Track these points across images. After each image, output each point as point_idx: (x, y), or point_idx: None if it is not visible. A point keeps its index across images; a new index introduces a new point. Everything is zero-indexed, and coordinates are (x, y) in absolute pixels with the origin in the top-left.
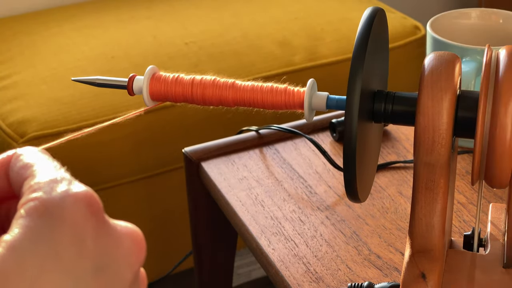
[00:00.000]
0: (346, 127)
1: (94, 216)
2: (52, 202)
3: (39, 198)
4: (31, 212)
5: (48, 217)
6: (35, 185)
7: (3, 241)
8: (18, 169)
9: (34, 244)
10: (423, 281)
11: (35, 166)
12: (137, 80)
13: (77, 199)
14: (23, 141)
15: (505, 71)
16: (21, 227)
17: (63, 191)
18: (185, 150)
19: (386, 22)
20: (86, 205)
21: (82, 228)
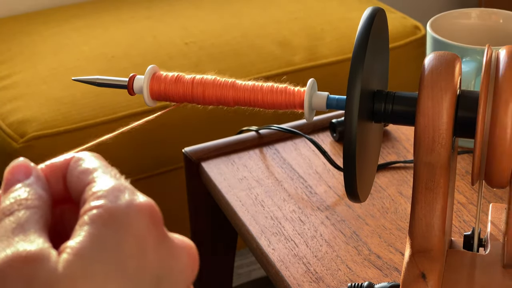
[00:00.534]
0: (346, 127)
1: (155, 228)
2: (117, 211)
3: (103, 206)
4: (96, 220)
5: (112, 225)
6: (98, 192)
7: (68, 246)
8: (78, 173)
9: (100, 252)
10: (423, 281)
11: (96, 172)
12: (138, 80)
13: (141, 209)
14: (23, 141)
15: (505, 71)
16: (86, 234)
17: (127, 200)
18: (185, 150)
19: (386, 22)
20: (149, 216)
21: (144, 239)
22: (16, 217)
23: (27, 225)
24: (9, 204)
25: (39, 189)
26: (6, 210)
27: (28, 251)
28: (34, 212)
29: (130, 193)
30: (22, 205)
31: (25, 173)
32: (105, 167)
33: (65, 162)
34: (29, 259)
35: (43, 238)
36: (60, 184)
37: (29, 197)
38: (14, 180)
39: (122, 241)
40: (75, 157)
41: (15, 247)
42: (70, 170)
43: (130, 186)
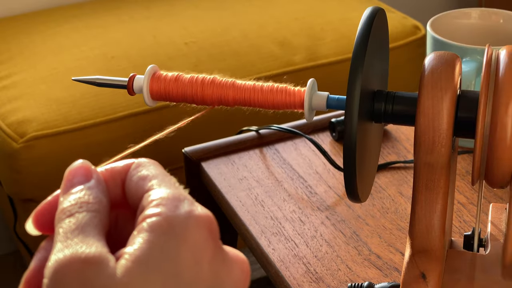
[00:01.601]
0: (346, 127)
1: (212, 240)
2: (176, 221)
3: (162, 214)
4: (155, 227)
5: (171, 235)
6: (158, 200)
7: (126, 252)
8: (137, 179)
9: (157, 261)
10: (423, 281)
11: (155, 180)
12: (138, 79)
13: (199, 221)
14: (23, 141)
15: (505, 71)
16: (144, 241)
17: (187, 211)
18: (185, 150)
19: (386, 22)
20: (207, 228)
21: (201, 251)
22: (76, 219)
23: (87, 228)
24: (70, 205)
25: (99, 193)
26: (66, 211)
27: (87, 254)
28: (93, 216)
29: (189, 204)
30: (83, 207)
31: (86, 176)
32: (164, 175)
33: (125, 168)
34: (88, 262)
35: (101, 242)
36: (118, 189)
37: (90, 200)
38: (75, 181)
39: (180, 251)
40: (135, 163)
41: (74, 248)
42: (129, 176)
43: (189, 197)
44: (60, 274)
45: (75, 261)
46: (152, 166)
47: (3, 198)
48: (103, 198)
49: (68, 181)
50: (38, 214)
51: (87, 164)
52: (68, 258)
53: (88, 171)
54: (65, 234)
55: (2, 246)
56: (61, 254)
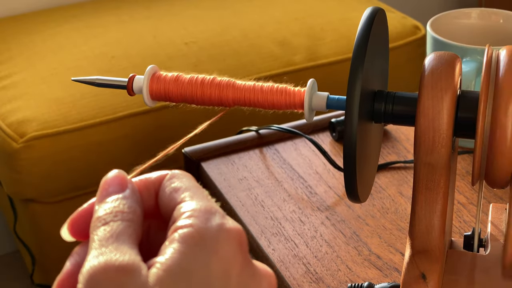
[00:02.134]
0: (346, 127)
1: (241, 253)
2: (208, 233)
3: (194, 225)
4: (186, 239)
5: (202, 246)
6: (189, 211)
7: (158, 262)
8: (170, 191)
9: (189, 271)
10: (423, 281)
11: (188, 192)
12: (137, 80)
13: (230, 234)
14: (23, 141)
15: (506, 71)
16: (176, 251)
17: (218, 223)
18: (185, 150)
19: (386, 22)
20: (237, 242)
21: (230, 264)
22: (111, 227)
23: (121, 237)
24: (105, 214)
25: (134, 204)
26: (101, 219)
27: (121, 261)
28: (128, 225)
29: (221, 217)
30: (117, 216)
31: (121, 185)
32: (196, 188)
33: (159, 179)
34: (121, 269)
35: (135, 251)
36: (151, 199)
37: (125, 210)
38: (110, 191)
39: (210, 263)
40: (169, 174)
41: (108, 255)
42: (162, 187)
43: (221, 210)
44: (95, 280)
45: (109, 268)
46: (185, 178)
47: (3, 198)
48: (137, 208)
49: (103, 190)
50: (73, 221)
51: (123, 174)
52: (102, 265)
53: (123, 181)
54: (100, 242)
55: (2, 246)
56: (96, 261)
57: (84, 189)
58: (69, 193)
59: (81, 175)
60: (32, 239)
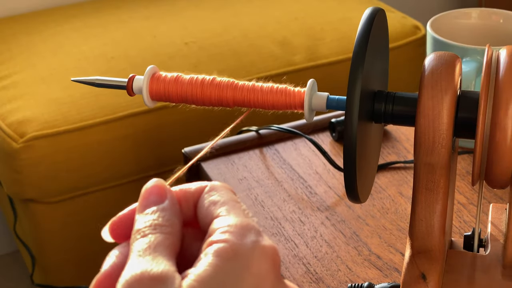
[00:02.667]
0: (346, 127)
1: (274, 272)
2: (242, 249)
3: (229, 241)
4: (221, 253)
5: (236, 262)
6: (226, 226)
7: (191, 273)
8: (208, 204)
9: (221, 285)
10: (423, 281)
11: (225, 206)
12: (137, 80)
13: (264, 252)
14: (23, 141)
15: (506, 71)
16: (209, 264)
17: (253, 241)
18: (185, 150)
19: (386, 22)
20: (271, 260)
21: (262, 281)
22: (149, 239)
23: (158, 248)
24: (144, 226)
25: (172, 216)
26: (141, 232)
27: (155, 271)
28: (165, 238)
29: (256, 234)
30: (156, 229)
31: (160, 196)
32: (235, 202)
33: (198, 190)
34: (155, 278)
35: (171, 262)
36: (190, 210)
37: (163, 223)
38: (150, 201)
39: (242, 279)
40: (209, 186)
41: (144, 265)
42: (201, 200)
43: (257, 227)
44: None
45: (144, 277)
46: (224, 191)
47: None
48: (176, 220)
49: (144, 199)
50: (114, 224)
51: (162, 184)
52: (138, 274)
53: (163, 191)
54: (138, 252)
55: (2, 246)
56: (133, 271)
57: (84, 189)
58: (69, 193)
59: (81, 175)
60: (32, 239)
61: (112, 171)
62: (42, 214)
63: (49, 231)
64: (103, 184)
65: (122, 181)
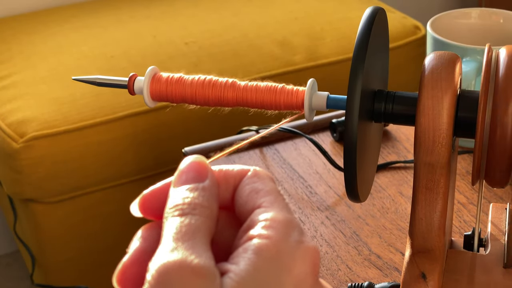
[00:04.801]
0: (347, 127)
1: (313, 274)
2: (285, 249)
3: (272, 238)
4: (263, 251)
5: (277, 262)
6: (269, 221)
7: (232, 271)
8: (250, 190)
9: (261, 286)
10: (423, 281)
11: (269, 197)
12: (138, 81)
13: (307, 253)
14: (23, 141)
15: (506, 71)
16: (250, 263)
17: (297, 240)
18: (185, 150)
19: (386, 21)
20: (312, 262)
21: (302, 284)
22: (189, 221)
23: (198, 234)
24: (183, 203)
25: (212, 198)
26: (179, 209)
27: (197, 263)
28: (204, 221)
29: (300, 233)
30: (196, 209)
31: (201, 174)
32: (278, 194)
33: (240, 173)
34: (196, 272)
35: (210, 253)
36: (228, 193)
37: (204, 204)
38: (190, 176)
39: (283, 281)
40: (252, 171)
41: (184, 253)
42: (243, 184)
43: (300, 225)
44: (167, 276)
45: (185, 267)
46: (268, 180)
47: (3, 198)
48: (214, 203)
49: (182, 173)
50: (146, 198)
51: (203, 160)
52: (177, 262)
53: (204, 169)
54: (175, 235)
55: (2, 246)
56: (170, 256)
57: (84, 189)
58: (69, 193)
59: (81, 175)
60: (32, 239)
61: (112, 171)
62: (42, 214)
63: (49, 231)
64: (103, 184)
65: (122, 181)
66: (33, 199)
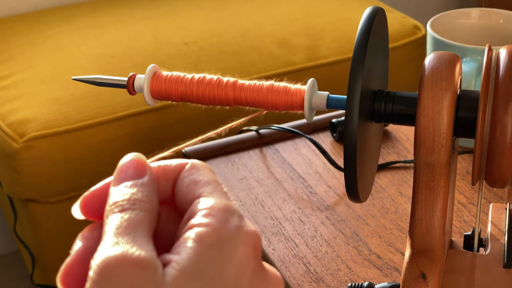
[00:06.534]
0: (347, 127)
1: (255, 258)
2: (225, 235)
3: (211, 225)
4: (203, 239)
5: (219, 248)
6: (208, 209)
7: (174, 261)
8: (189, 182)
9: (204, 273)
10: (423, 281)
11: (208, 187)
12: (138, 79)
13: (247, 238)
14: (23, 141)
15: (506, 71)
16: (192, 252)
17: (237, 225)
18: (185, 150)
19: (386, 21)
20: (253, 246)
21: (243, 268)
22: (129, 216)
23: (138, 228)
24: (123, 199)
25: (151, 193)
26: (119, 205)
27: (138, 255)
28: (144, 216)
29: (239, 218)
30: (136, 205)
31: (140, 171)
32: (217, 183)
33: (178, 167)
34: (138, 264)
35: (151, 245)
36: (168, 188)
37: (143, 199)
38: (129, 174)
39: (225, 266)
40: (190, 164)
41: (125, 247)
42: (181, 177)
43: (239, 210)
44: (109, 271)
45: (126, 260)
46: (205, 170)
47: (3, 198)
48: (154, 198)
49: (121, 172)
50: (86, 199)
51: (142, 158)
52: (118, 256)
53: (142, 166)
54: (116, 230)
55: (2, 246)
56: (112, 251)
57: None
58: (69, 193)
59: (81, 175)
60: (32, 239)
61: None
62: (42, 214)
63: (49, 231)
64: None
65: None
66: (33, 199)
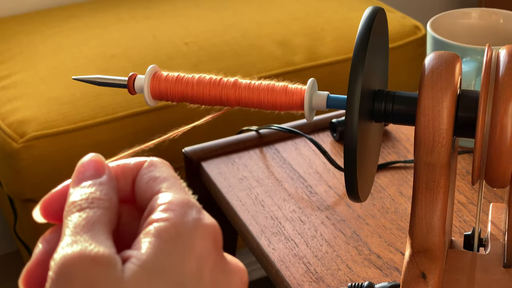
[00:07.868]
0: (347, 126)
1: (215, 250)
2: (184, 228)
3: (170, 219)
4: (162, 233)
5: (178, 242)
6: (166, 204)
7: (133, 256)
8: (147, 180)
9: (164, 268)
10: (424, 281)
11: (166, 183)
12: (138, 79)
13: (206, 230)
14: (23, 141)
15: (505, 71)
16: (151, 246)
17: (195, 218)
18: (185, 150)
19: (386, 21)
20: (212, 238)
21: (204, 261)
22: (87, 214)
23: (96, 225)
24: (81, 199)
25: (110, 191)
26: (77, 205)
27: (96, 252)
28: (103, 213)
29: (197, 211)
30: (94, 203)
31: (98, 170)
32: (175, 178)
33: (137, 165)
34: (96, 261)
35: (110, 242)
36: (128, 186)
37: (101, 197)
38: (87, 174)
39: (185, 259)
40: (148, 162)
41: (83, 244)
42: (140, 175)
43: (197, 204)
44: (67, 269)
45: (84, 258)
46: (164, 167)
47: (3, 198)
48: (113, 196)
49: (79, 173)
50: (47, 202)
51: (100, 158)
52: (76, 254)
53: (101, 166)
54: (74, 229)
55: (2, 246)
56: (70, 249)
57: None
58: None
59: None
60: (32, 239)
61: None
62: None
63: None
64: None
65: None
66: (33, 199)
